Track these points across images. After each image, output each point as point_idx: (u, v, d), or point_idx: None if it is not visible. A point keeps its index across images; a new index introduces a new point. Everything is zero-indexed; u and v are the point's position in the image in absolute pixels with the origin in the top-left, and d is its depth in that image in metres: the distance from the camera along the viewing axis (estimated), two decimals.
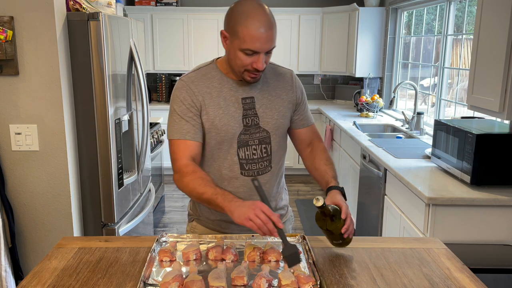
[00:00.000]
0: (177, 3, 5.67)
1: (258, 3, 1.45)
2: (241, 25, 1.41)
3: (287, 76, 1.67)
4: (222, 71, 1.58)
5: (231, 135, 1.55)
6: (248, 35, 1.41)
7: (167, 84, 5.95)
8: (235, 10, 1.45)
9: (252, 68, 1.47)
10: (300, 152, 1.76)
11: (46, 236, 2.32)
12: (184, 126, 1.54)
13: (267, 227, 1.29)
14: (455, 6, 3.67)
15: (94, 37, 2.23)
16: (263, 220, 1.29)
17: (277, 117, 1.60)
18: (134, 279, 1.30)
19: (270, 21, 1.43)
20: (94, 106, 2.31)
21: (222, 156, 1.58)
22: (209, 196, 1.42)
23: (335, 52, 5.59)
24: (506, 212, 2.19)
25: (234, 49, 1.46)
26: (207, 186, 1.44)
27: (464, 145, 2.29)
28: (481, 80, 2.35)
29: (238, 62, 1.47)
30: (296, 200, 4.87)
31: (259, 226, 1.29)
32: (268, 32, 1.42)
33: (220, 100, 1.55)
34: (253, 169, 1.59)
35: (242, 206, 1.34)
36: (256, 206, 1.32)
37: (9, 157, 2.23)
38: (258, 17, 1.41)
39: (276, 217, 1.31)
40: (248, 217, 1.30)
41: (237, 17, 1.43)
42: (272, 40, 1.45)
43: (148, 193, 3.20)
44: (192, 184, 1.47)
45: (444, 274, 1.35)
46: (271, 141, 1.60)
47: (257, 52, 1.44)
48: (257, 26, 1.40)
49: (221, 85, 1.57)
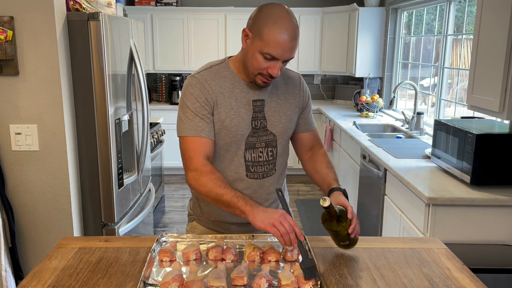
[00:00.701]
0: (177, 3, 5.67)
1: (288, 10, 1.43)
2: (268, 28, 1.39)
3: (295, 80, 1.67)
4: (234, 71, 1.56)
5: (240, 136, 1.54)
6: (272, 40, 1.39)
7: (167, 84, 5.95)
8: (264, 11, 1.43)
9: (267, 73, 1.45)
10: (301, 156, 1.75)
11: (46, 236, 2.32)
12: (199, 123, 1.50)
13: (290, 236, 1.31)
14: (455, 6, 3.67)
15: (94, 37, 2.23)
16: (287, 229, 1.32)
17: (284, 121, 1.60)
18: (134, 279, 1.30)
19: (296, 32, 1.42)
20: (94, 106, 2.31)
21: (229, 157, 1.57)
22: (230, 198, 1.41)
23: (335, 52, 5.59)
24: (506, 212, 2.19)
25: (253, 49, 1.44)
26: (227, 188, 1.44)
27: (464, 145, 2.29)
28: (481, 80, 2.35)
29: (254, 64, 1.45)
30: (296, 200, 4.87)
31: (282, 234, 1.31)
32: (292, 42, 1.41)
33: (232, 101, 1.54)
34: (259, 171, 1.59)
35: (266, 212, 1.37)
36: (281, 214, 1.35)
37: (9, 157, 2.23)
38: (286, 25, 1.39)
39: (298, 229, 1.34)
40: (272, 223, 1.32)
41: (265, 18, 1.41)
42: (293, 50, 1.43)
43: (148, 193, 3.21)
44: (210, 184, 1.45)
45: (444, 274, 1.35)
46: (277, 145, 1.60)
47: (276, 59, 1.42)
48: (283, 32, 1.39)
49: (233, 86, 1.55)
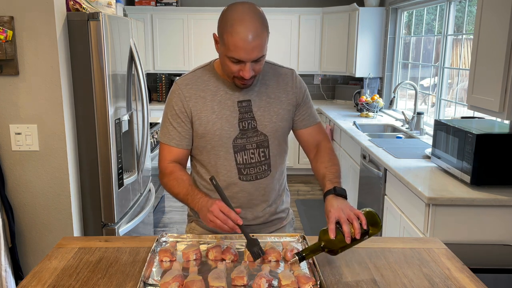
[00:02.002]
0: (177, 3, 5.67)
1: (249, 8, 1.38)
2: (227, 32, 1.37)
3: (287, 77, 1.62)
4: (219, 73, 1.56)
5: (225, 139, 1.53)
6: (232, 44, 1.36)
7: (167, 84, 5.95)
8: (224, 15, 1.41)
9: (239, 75, 1.44)
10: (308, 154, 1.69)
11: (46, 236, 2.32)
12: (171, 132, 1.56)
13: (227, 225, 1.31)
14: (455, 6, 3.67)
15: (94, 37, 2.23)
16: (221, 220, 1.31)
17: (275, 120, 1.57)
18: (134, 279, 1.30)
19: (258, 29, 1.36)
20: (94, 106, 2.31)
21: (219, 161, 1.56)
22: (182, 197, 1.48)
23: (335, 52, 5.59)
24: (506, 212, 2.19)
25: (222, 55, 1.44)
26: (180, 186, 1.48)
27: (464, 145, 2.29)
28: (481, 80, 2.35)
29: (226, 69, 1.45)
30: (296, 200, 4.87)
31: (219, 226, 1.32)
32: (255, 42, 1.36)
33: (214, 104, 1.53)
34: (252, 173, 1.56)
35: (203, 208, 1.37)
36: (214, 207, 1.33)
37: (9, 157, 2.24)
38: (245, 25, 1.35)
39: (234, 214, 1.32)
40: (208, 218, 1.33)
41: (224, 22, 1.38)
42: (259, 49, 1.38)
43: (148, 193, 3.21)
44: (169, 184, 1.52)
45: (444, 274, 1.35)
46: (269, 145, 1.57)
47: (242, 61, 1.40)
48: (242, 35, 1.34)
49: (217, 88, 1.54)
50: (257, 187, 1.58)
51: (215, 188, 1.40)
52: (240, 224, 1.33)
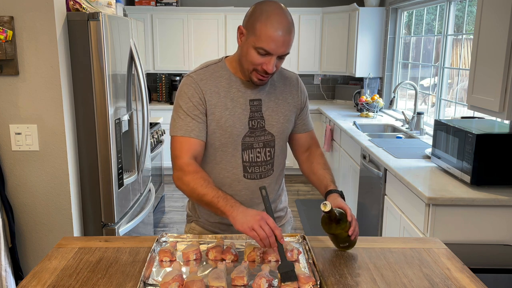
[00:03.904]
0: (177, 3, 5.67)
1: (281, 6, 1.44)
2: (261, 23, 1.40)
3: (293, 80, 1.66)
4: (231, 70, 1.56)
5: (235, 136, 1.53)
6: (265, 34, 1.39)
7: (167, 84, 5.95)
8: (258, 7, 1.44)
9: (262, 69, 1.44)
10: (298, 156, 1.75)
11: (46, 236, 2.32)
12: (190, 124, 1.50)
13: (269, 240, 1.28)
14: (455, 6, 3.67)
15: (94, 37, 2.23)
16: (266, 233, 1.28)
17: (282, 121, 1.60)
18: (134, 279, 1.30)
19: (290, 26, 1.41)
20: (94, 106, 2.30)
21: (226, 158, 1.56)
22: (210, 198, 1.40)
23: (335, 52, 5.59)
24: (506, 212, 2.19)
25: (248, 45, 1.44)
26: (208, 187, 1.42)
27: (464, 145, 2.29)
28: (481, 80, 2.35)
29: (249, 60, 1.45)
30: (296, 200, 4.87)
31: (262, 238, 1.28)
32: (286, 36, 1.40)
33: (227, 101, 1.53)
34: (256, 172, 1.58)
35: (246, 214, 1.32)
36: (262, 217, 1.31)
37: (9, 157, 2.24)
38: (279, 19, 1.39)
39: (279, 232, 1.30)
40: (251, 226, 1.29)
41: (258, 14, 1.42)
42: (287, 45, 1.42)
43: (148, 193, 3.21)
44: (193, 183, 1.44)
45: (444, 274, 1.35)
46: (275, 145, 1.59)
47: (269, 54, 1.42)
48: (276, 27, 1.38)
49: (229, 85, 1.54)
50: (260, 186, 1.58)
51: (263, 199, 1.38)
52: (281, 244, 1.30)
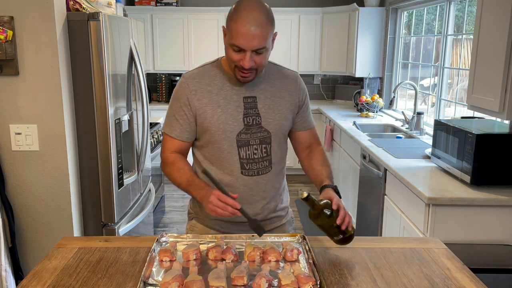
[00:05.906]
0: (177, 3, 5.67)
1: (258, 3, 1.45)
2: (232, 20, 1.44)
3: (292, 79, 1.68)
4: (226, 69, 1.59)
5: (229, 133, 1.56)
6: (235, 30, 1.42)
7: (167, 84, 5.95)
8: (235, 6, 1.47)
9: (240, 65, 1.47)
10: (298, 154, 1.77)
11: (46, 236, 2.32)
12: (173, 123, 1.60)
13: (228, 211, 1.38)
14: (455, 6, 3.67)
15: (94, 37, 2.23)
16: (221, 207, 1.38)
17: (279, 119, 1.61)
18: (134, 279, 1.30)
19: (262, 21, 1.42)
20: (94, 106, 2.31)
21: (223, 155, 1.58)
22: (184, 187, 1.55)
23: (335, 52, 5.58)
24: (506, 212, 2.19)
25: (226, 44, 1.49)
26: (182, 177, 1.55)
27: (464, 145, 2.29)
28: (481, 80, 2.35)
29: (229, 58, 1.50)
30: (296, 200, 4.87)
31: (220, 214, 1.39)
32: (257, 30, 1.41)
33: (219, 99, 1.56)
34: (254, 168, 1.59)
35: (204, 199, 1.44)
36: (212, 197, 1.40)
37: (9, 157, 2.24)
38: (250, 14, 1.41)
39: (231, 200, 1.39)
40: (210, 208, 1.40)
41: (232, 12, 1.46)
42: (260, 40, 1.42)
43: (148, 193, 3.21)
44: (172, 174, 1.59)
45: (444, 274, 1.35)
46: (271, 142, 1.61)
47: (243, 49, 1.44)
48: (245, 22, 1.41)
49: (223, 83, 1.58)
50: (258, 182, 1.61)
51: (210, 179, 1.46)
52: (239, 208, 1.39)
